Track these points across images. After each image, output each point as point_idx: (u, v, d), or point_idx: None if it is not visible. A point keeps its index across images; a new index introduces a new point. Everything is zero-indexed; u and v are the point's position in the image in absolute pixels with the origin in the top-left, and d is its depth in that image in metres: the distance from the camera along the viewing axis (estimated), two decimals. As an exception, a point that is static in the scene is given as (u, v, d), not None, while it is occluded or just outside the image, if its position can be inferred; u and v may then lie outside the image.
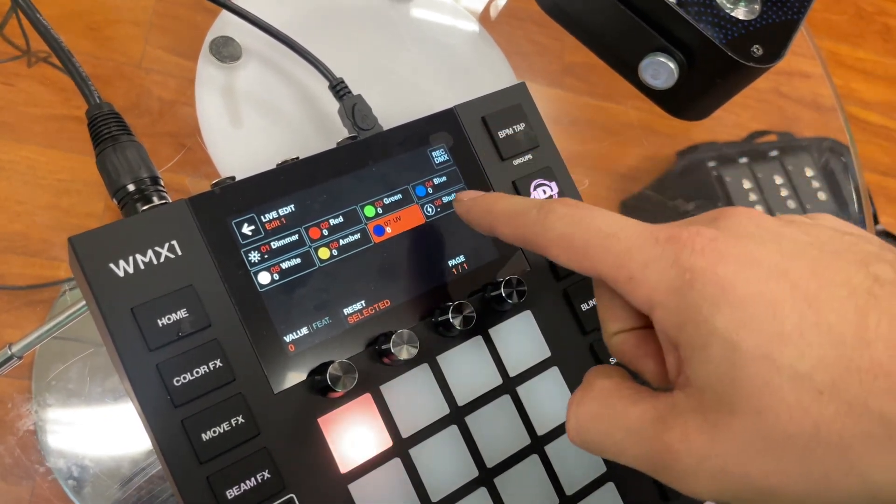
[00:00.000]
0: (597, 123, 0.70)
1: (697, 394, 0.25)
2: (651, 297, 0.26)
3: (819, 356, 0.23)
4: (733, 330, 0.24)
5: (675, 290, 0.25)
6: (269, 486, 0.31)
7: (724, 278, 0.24)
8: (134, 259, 0.31)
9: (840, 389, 0.22)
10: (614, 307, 0.29)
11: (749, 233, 0.26)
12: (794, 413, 0.23)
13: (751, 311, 0.24)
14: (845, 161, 0.74)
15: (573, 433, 0.28)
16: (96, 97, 0.35)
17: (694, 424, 0.25)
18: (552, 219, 0.29)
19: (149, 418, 0.30)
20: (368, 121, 0.40)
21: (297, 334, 0.33)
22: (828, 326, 0.23)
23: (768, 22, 0.46)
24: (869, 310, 0.23)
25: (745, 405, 0.23)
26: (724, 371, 0.24)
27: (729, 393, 0.24)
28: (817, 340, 0.23)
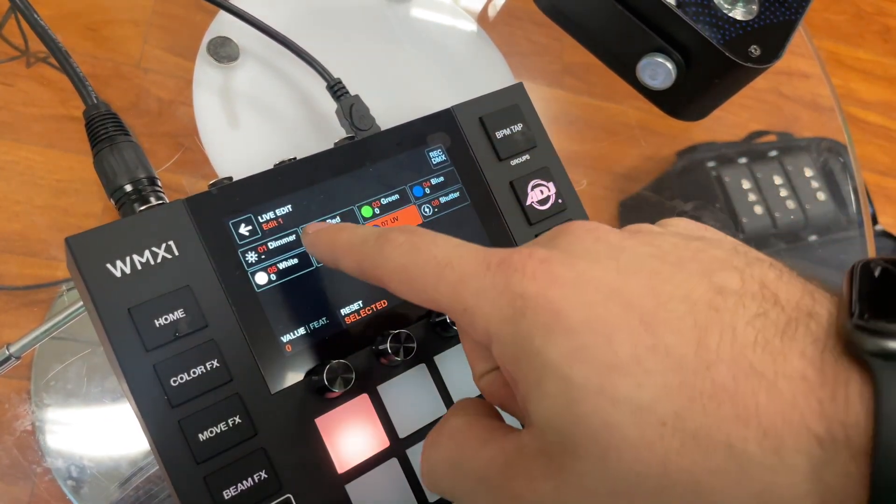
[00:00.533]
0: (596, 123, 0.70)
1: (540, 434, 0.23)
2: (487, 328, 0.24)
3: (659, 384, 0.21)
4: (567, 362, 0.22)
5: (507, 319, 0.23)
6: (266, 487, 0.31)
7: (555, 303, 0.22)
8: (131, 259, 0.31)
9: (684, 419, 0.21)
10: (474, 349, 0.28)
11: (586, 250, 0.24)
12: (639, 451, 0.21)
13: (584, 339, 0.22)
14: (844, 161, 0.74)
15: (426, 479, 0.27)
16: (94, 97, 0.35)
17: (539, 470, 0.23)
18: (388, 249, 0.27)
19: (146, 418, 0.30)
20: (366, 121, 0.40)
21: (294, 335, 0.33)
22: (665, 350, 0.21)
23: (766, 22, 0.46)
24: (710, 326, 0.21)
25: (587, 447, 0.21)
26: (561, 409, 0.22)
27: (570, 433, 0.22)
28: (655, 367, 0.21)
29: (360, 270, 0.28)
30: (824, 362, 0.21)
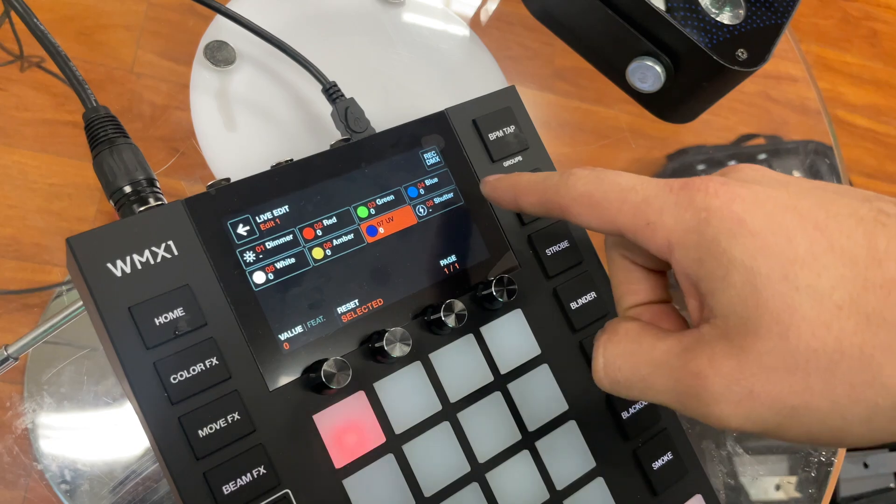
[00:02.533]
0: (586, 127, 0.70)
1: (722, 322, 0.26)
2: (669, 239, 0.27)
3: (836, 275, 0.24)
4: (751, 257, 0.25)
5: (692, 229, 0.26)
6: (264, 482, 0.31)
7: (738, 213, 0.26)
8: (131, 259, 0.31)
9: (858, 304, 0.24)
10: (630, 281, 0.31)
11: (757, 179, 0.28)
12: (815, 329, 0.24)
13: (766, 239, 0.25)
14: (831, 162, 0.75)
15: (601, 372, 0.30)
16: (93, 100, 0.36)
17: (721, 350, 0.25)
18: (573, 180, 0.30)
19: (146, 415, 0.30)
20: (361, 123, 0.41)
21: (291, 333, 0.33)
22: (840, 249, 0.24)
23: (753, 26, 0.47)
24: (877, 234, 0.24)
25: (769, 326, 0.24)
26: (746, 295, 0.25)
27: (753, 316, 0.25)
28: (832, 262, 0.24)
29: (543, 202, 0.32)
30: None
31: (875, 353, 0.23)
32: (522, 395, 0.37)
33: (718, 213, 0.26)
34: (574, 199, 0.30)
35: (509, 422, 0.36)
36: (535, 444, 0.36)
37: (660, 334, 0.29)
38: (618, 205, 0.29)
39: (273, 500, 0.31)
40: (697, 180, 0.27)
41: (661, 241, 0.27)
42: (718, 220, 0.26)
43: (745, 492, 0.56)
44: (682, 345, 0.27)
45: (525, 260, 0.39)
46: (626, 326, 0.30)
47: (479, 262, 0.38)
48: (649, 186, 0.28)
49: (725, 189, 0.26)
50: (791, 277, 0.24)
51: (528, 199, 0.33)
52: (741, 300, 0.25)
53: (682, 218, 0.27)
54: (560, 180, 0.31)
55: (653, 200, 0.28)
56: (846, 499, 1.03)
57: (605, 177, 0.30)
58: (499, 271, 0.38)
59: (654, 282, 0.32)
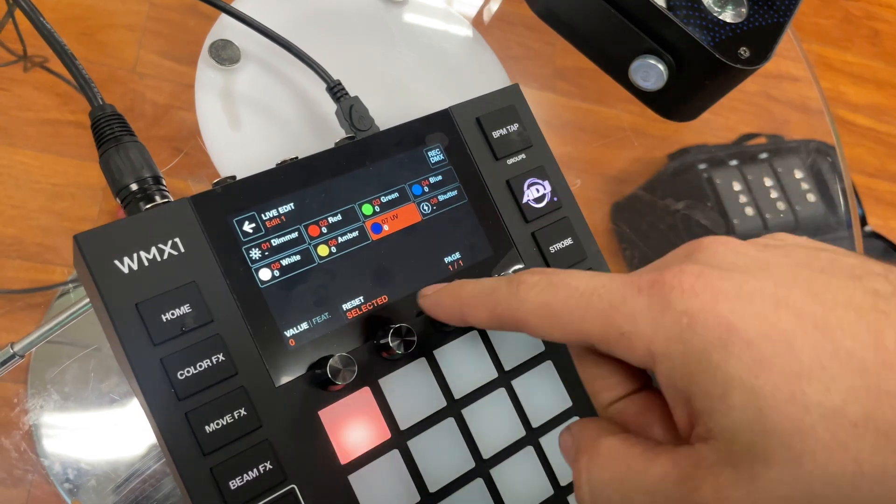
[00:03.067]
0: (588, 127, 0.71)
1: (725, 446, 0.23)
2: (650, 349, 0.24)
3: (846, 387, 0.21)
4: (751, 373, 0.22)
5: (675, 338, 0.23)
6: (270, 477, 0.31)
7: (725, 317, 0.23)
8: (138, 256, 0.31)
9: (874, 419, 0.21)
10: (603, 375, 0.28)
11: (731, 263, 0.25)
12: (832, 453, 0.21)
13: (764, 349, 0.22)
14: (832, 161, 0.75)
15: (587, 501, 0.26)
16: (99, 99, 0.36)
17: (727, 480, 0.22)
18: (524, 290, 0.27)
19: (153, 411, 0.30)
20: (365, 122, 0.41)
21: (297, 329, 0.33)
22: (847, 353, 0.22)
23: (755, 24, 0.47)
24: (882, 328, 0.22)
25: (780, 452, 0.22)
26: (750, 419, 0.22)
27: (761, 442, 0.22)
28: (839, 371, 0.22)
29: (495, 317, 0.29)
30: None
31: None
32: (526, 392, 0.37)
33: (702, 318, 0.23)
34: (529, 313, 0.27)
35: (513, 418, 0.36)
36: (539, 440, 0.37)
37: (650, 453, 0.25)
38: (581, 313, 0.26)
39: (279, 495, 0.31)
40: (668, 274, 0.24)
41: (640, 351, 0.24)
42: (703, 328, 0.23)
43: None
44: (679, 469, 0.24)
45: (529, 257, 0.39)
46: (609, 445, 0.26)
47: (482, 259, 0.38)
48: (613, 288, 0.25)
49: (703, 284, 0.23)
50: (799, 395, 0.21)
51: (477, 315, 0.30)
52: (745, 424, 0.22)
53: (661, 324, 0.23)
54: (509, 291, 0.28)
55: (620, 305, 0.25)
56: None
57: (558, 282, 0.27)
58: (503, 268, 0.38)
59: (629, 368, 0.28)
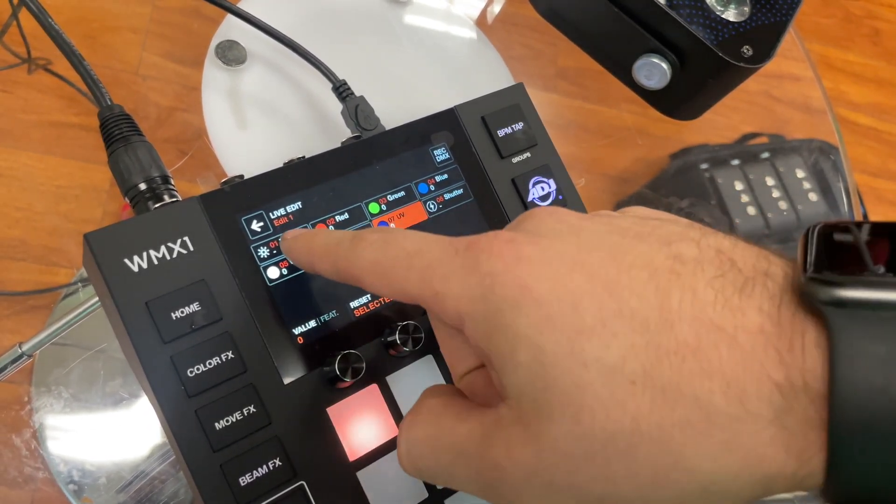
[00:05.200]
0: (590, 127, 0.71)
1: (515, 404, 0.23)
2: (458, 309, 0.24)
3: (626, 345, 0.22)
4: (536, 331, 0.22)
5: (477, 298, 0.24)
6: (280, 474, 0.31)
7: (522, 278, 0.23)
8: (147, 254, 0.32)
9: (652, 377, 0.21)
10: (456, 347, 0.28)
11: (549, 229, 0.25)
12: (610, 410, 0.21)
13: (551, 308, 0.22)
14: (834, 160, 0.75)
15: (404, 460, 0.27)
16: (108, 99, 0.36)
17: (517, 437, 0.23)
18: (362, 246, 0.28)
19: (164, 408, 0.31)
20: (371, 121, 0.41)
21: (305, 327, 0.34)
22: (630, 312, 0.22)
23: (758, 23, 0.47)
24: (671, 289, 0.22)
25: (560, 409, 0.22)
26: (534, 375, 0.22)
27: (543, 398, 0.22)
28: (622, 329, 0.22)
29: (336, 270, 0.29)
30: (781, 316, 0.22)
31: (675, 433, 0.21)
32: (533, 389, 0.37)
33: (502, 278, 0.23)
34: (363, 269, 0.27)
35: (520, 415, 0.37)
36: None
37: (462, 413, 0.25)
38: (404, 272, 0.26)
39: (288, 491, 0.31)
40: (483, 238, 0.25)
41: (450, 311, 0.25)
42: (502, 288, 0.23)
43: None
44: (482, 428, 0.24)
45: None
46: (429, 405, 0.27)
47: (489, 257, 0.38)
48: (434, 249, 0.26)
49: (510, 248, 0.24)
50: (577, 351, 0.22)
51: (323, 266, 0.30)
52: (530, 380, 0.22)
53: (468, 284, 0.24)
54: (349, 246, 0.28)
55: (437, 266, 0.25)
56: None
57: (391, 240, 0.27)
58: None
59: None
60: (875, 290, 0.21)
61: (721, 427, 0.21)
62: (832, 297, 0.21)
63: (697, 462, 0.21)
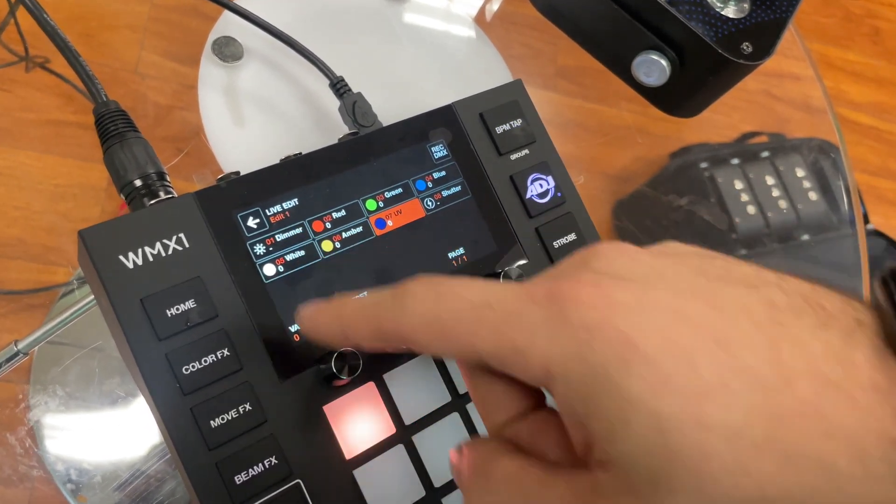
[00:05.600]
0: (590, 126, 0.71)
1: (624, 473, 0.21)
2: (546, 367, 0.22)
3: (747, 406, 0.21)
4: (652, 394, 0.21)
5: (573, 355, 0.22)
6: (276, 472, 0.31)
7: (624, 332, 0.21)
8: (143, 251, 0.31)
9: (775, 440, 0.20)
10: (496, 395, 0.26)
11: (629, 271, 0.23)
12: (735, 477, 0.20)
13: (665, 367, 0.21)
14: (834, 158, 0.75)
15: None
16: (103, 95, 0.36)
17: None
18: (410, 301, 0.25)
19: (159, 406, 0.30)
20: (368, 118, 0.41)
21: (302, 324, 0.33)
22: (747, 371, 0.21)
23: (757, 20, 0.47)
24: (779, 342, 0.21)
25: (682, 479, 0.20)
26: (652, 444, 0.21)
27: (663, 468, 0.21)
28: (741, 388, 0.21)
29: (380, 334, 0.26)
30: (889, 368, 0.21)
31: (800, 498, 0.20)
32: (531, 387, 0.37)
33: (601, 333, 0.21)
34: (416, 328, 0.25)
35: (518, 413, 0.36)
36: (544, 435, 0.37)
37: (547, 478, 0.23)
38: (472, 327, 0.23)
39: (284, 490, 0.31)
40: (565, 286, 0.23)
41: (536, 369, 0.23)
42: (602, 345, 0.21)
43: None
44: (575, 496, 0.22)
45: (532, 252, 0.39)
46: (504, 468, 0.24)
47: (486, 254, 0.38)
48: (507, 299, 0.23)
49: (600, 295, 0.22)
50: (700, 415, 0.20)
51: (360, 333, 0.27)
52: (647, 450, 0.21)
53: (558, 340, 0.22)
54: (394, 304, 0.25)
55: (515, 319, 0.23)
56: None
57: (446, 291, 0.24)
58: (506, 263, 0.38)
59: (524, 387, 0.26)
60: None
61: (845, 492, 0.20)
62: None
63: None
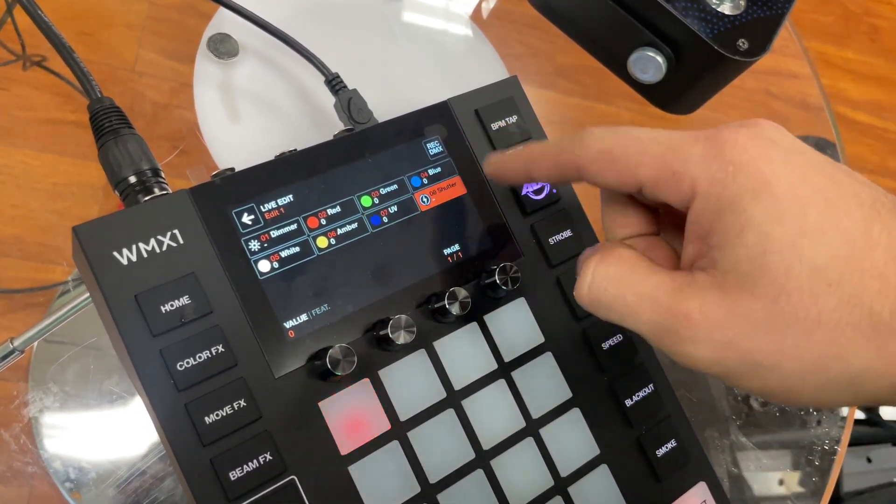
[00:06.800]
0: (588, 124, 0.70)
1: (720, 275, 0.27)
2: (693, 187, 0.28)
3: (833, 254, 0.26)
4: (768, 221, 0.26)
5: (718, 181, 0.27)
6: (270, 468, 0.31)
7: (764, 173, 0.26)
8: (137, 247, 0.31)
9: (844, 283, 0.25)
10: (624, 213, 0.32)
11: (781, 140, 0.28)
12: (805, 300, 0.26)
13: (785, 205, 0.26)
14: (832, 155, 0.75)
15: (584, 289, 0.30)
16: (98, 92, 0.36)
17: (713, 298, 0.27)
18: (589, 139, 0.30)
19: (153, 403, 0.30)
20: (364, 114, 0.41)
21: (296, 321, 0.33)
22: (842, 229, 0.26)
23: (753, 17, 0.47)
24: (873, 220, 0.26)
25: (767, 288, 0.26)
26: (754, 256, 0.26)
27: (755, 276, 0.26)
28: (834, 240, 0.26)
29: (558, 166, 0.32)
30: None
31: (847, 331, 0.26)
32: (526, 383, 0.37)
33: (746, 169, 0.27)
34: (592, 159, 0.30)
35: (514, 409, 0.36)
36: (539, 431, 0.37)
37: (652, 268, 0.29)
38: (639, 157, 0.29)
39: (279, 486, 0.31)
40: (726, 131, 0.28)
41: (685, 189, 0.28)
42: (745, 177, 0.27)
43: (748, 483, 0.57)
44: (674, 283, 0.28)
45: (528, 249, 0.39)
46: (621, 252, 0.30)
47: (482, 250, 0.38)
48: (672, 136, 0.29)
49: (754, 145, 0.27)
50: (797, 248, 0.26)
51: (542, 166, 0.33)
52: (748, 260, 0.26)
53: (709, 168, 0.27)
54: (575, 141, 0.31)
55: (677, 150, 0.28)
56: (849, 494, 1.03)
57: (622, 131, 0.30)
58: (502, 260, 0.38)
59: (647, 215, 0.33)
60: None
61: (881, 336, 0.25)
62: None
63: (854, 358, 0.26)
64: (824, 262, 0.26)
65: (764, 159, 0.27)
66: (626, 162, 0.29)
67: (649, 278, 0.29)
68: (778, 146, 0.28)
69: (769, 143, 0.28)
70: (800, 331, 0.26)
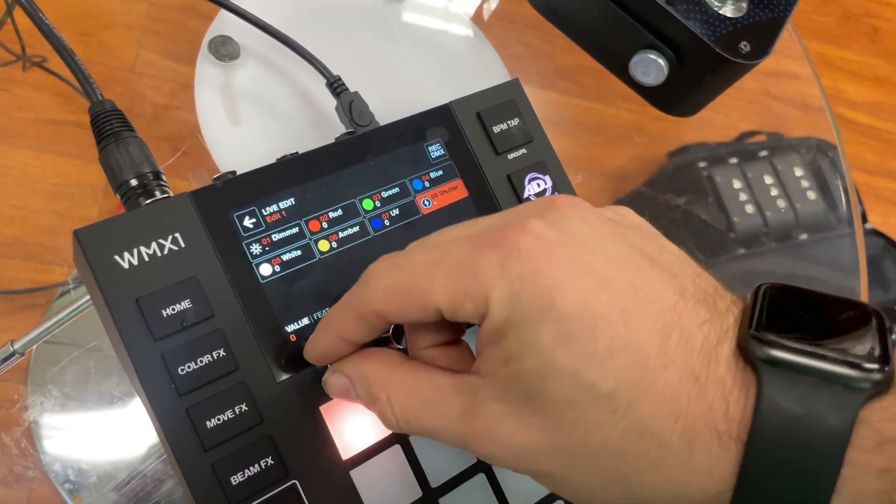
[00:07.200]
0: (588, 125, 0.71)
1: (501, 386, 0.26)
2: (486, 305, 0.25)
3: (622, 377, 0.24)
4: (552, 346, 0.24)
5: (505, 301, 0.25)
6: (272, 473, 0.31)
7: (551, 289, 0.24)
8: (138, 251, 0.31)
9: (632, 410, 0.24)
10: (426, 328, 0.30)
11: (575, 229, 0.26)
12: (588, 427, 0.24)
13: (572, 328, 0.24)
14: (833, 158, 0.75)
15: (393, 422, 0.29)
16: (99, 94, 0.36)
17: (495, 414, 0.26)
18: (372, 279, 0.28)
19: (154, 407, 0.30)
20: (365, 117, 0.41)
21: (298, 324, 0.33)
22: (636, 347, 0.24)
23: (755, 19, 0.47)
24: (671, 329, 0.25)
25: (547, 415, 0.25)
26: (535, 380, 0.25)
27: (536, 401, 0.25)
28: (624, 361, 0.24)
29: (358, 317, 0.29)
30: (737, 369, 0.24)
31: (632, 460, 0.24)
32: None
33: (531, 287, 0.24)
34: (379, 300, 0.27)
35: (515, 413, 0.36)
36: (541, 435, 0.36)
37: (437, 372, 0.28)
38: (429, 285, 0.26)
39: (281, 490, 0.31)
40: (510, 234, 0.25)
41: (481, 309, 0.25)
42: (530, 296, 0.24)
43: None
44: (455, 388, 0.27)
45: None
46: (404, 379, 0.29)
47: (484, 254, 0.38)
48: (457, 254, 0.26)
49: (541, 248, 0.25)
50: (581, 375, 0.24)
51: (348, 327, 0.29)
52: (528, 383, 0.25)
53: (499, 286, 0.25)
54: (360, 286, 0.28)
55: (467, 267, 0.26)
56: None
57: (402, 261, 0.27)
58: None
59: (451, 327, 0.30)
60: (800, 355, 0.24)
61: (668, 466, 0.24)
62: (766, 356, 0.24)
63: (641, 488, 0.25)
64: (611, 388, 0.24)
65: (552, 266, 0.25)
66: (417, 294, 0.26)
67: (438, 401, 0.27)
68: (571, 242, 0.25)
69: (561, 240, 0.25)
70: (586, 455, 0.25)
